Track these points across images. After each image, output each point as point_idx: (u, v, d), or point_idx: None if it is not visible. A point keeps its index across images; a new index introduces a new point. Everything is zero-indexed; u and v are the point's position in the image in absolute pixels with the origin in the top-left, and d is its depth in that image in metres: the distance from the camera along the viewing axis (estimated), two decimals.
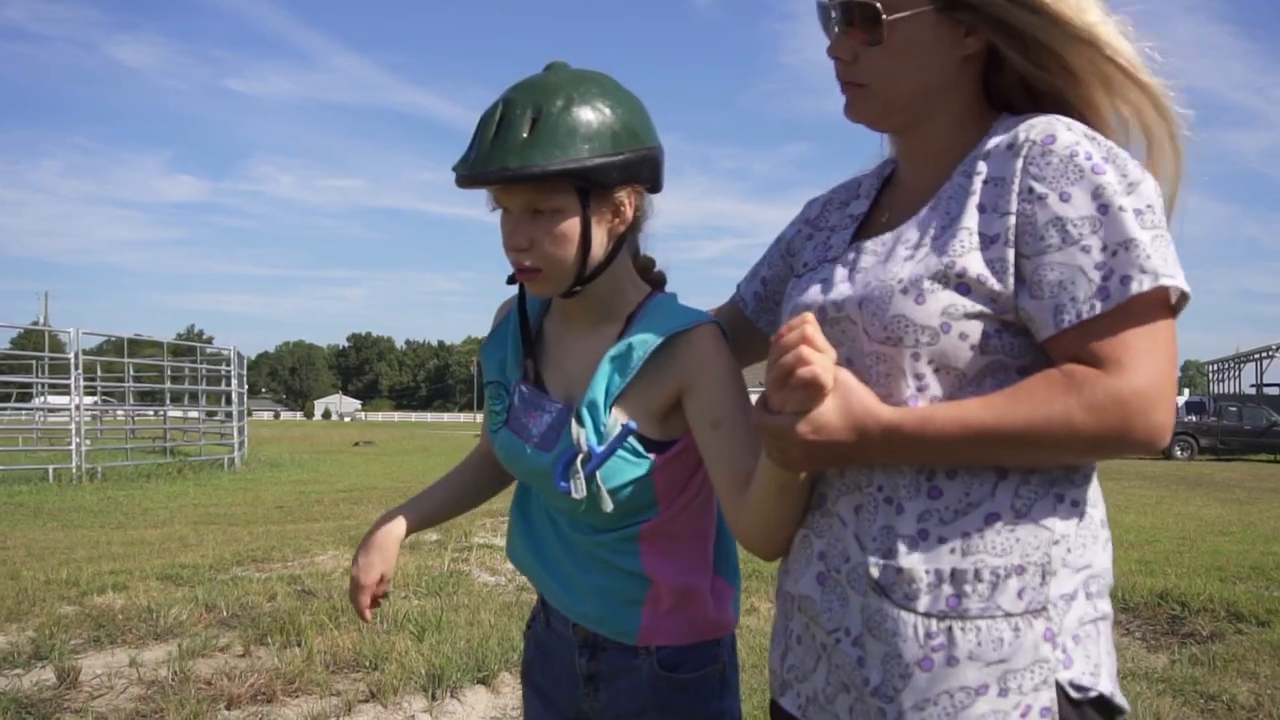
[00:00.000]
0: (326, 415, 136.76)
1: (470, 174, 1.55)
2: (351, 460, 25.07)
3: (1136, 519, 11.97)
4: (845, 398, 1.25)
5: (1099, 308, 1.22)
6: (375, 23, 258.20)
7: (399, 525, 1.86)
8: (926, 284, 1.30)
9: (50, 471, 16.30)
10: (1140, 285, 1.21)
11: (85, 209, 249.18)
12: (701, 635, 1.70)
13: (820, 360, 1.21)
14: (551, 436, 1.67)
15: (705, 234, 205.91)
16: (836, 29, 1.42)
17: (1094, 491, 1.36)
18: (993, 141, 1.35)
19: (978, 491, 1.29)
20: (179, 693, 4.69)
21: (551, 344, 1.75)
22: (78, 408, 17.21)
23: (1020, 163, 1.29)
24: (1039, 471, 1.30)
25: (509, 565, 8.29)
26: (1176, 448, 29.50)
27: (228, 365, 22.88)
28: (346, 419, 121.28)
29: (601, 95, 1.58)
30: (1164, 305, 1.24)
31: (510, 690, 4.89)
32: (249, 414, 22.78)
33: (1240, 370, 46.85)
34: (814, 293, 1.44)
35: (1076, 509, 1.32)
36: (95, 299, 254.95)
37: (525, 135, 1.52)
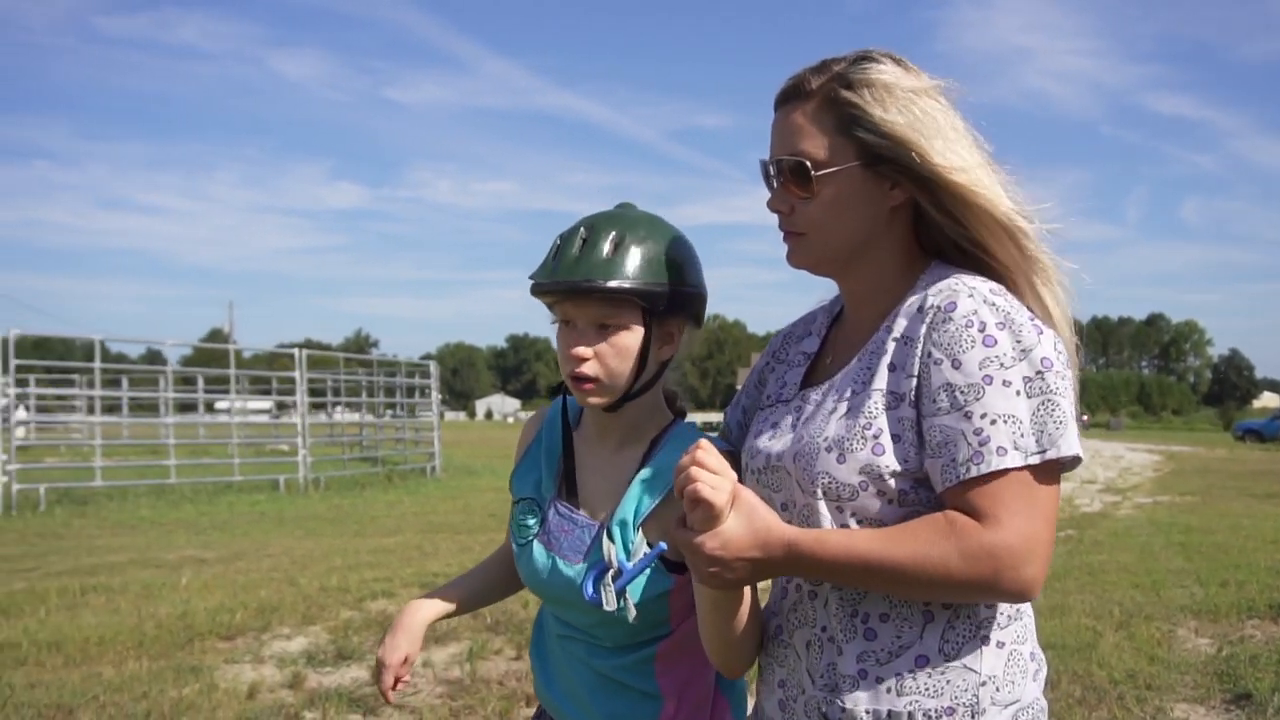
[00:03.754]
0: (488, 415, 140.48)
1: (553, 281, 1.69)
2: None
3: None
4: (749, 516, 1.36)
5: (974, 471, 1.31)
6: (524, 27, 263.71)
7: (427, 610, 1.93)
8: (847, 444, 1.41)
9: (281, 481, 17.79)
10: (1010, 460, 1.31)
11: (255, 218, 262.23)
12: None
13: (708, 479, 1.33)
14: (581, 549, 1.76)
15: None
16: (775, 184, 1.53)
17: (1022, 628, 1.46)
18: (913, 297, 1.46)
19: (908, 634, 1.40)
20: (479, 691, 5.41)
21: (580, 461, 1.85)
22: (293, 408, 18.53)
23: (925, 328, 1.40)
24: (965, 616, 1.40)
25: None
26: None
27: (423, 376, 24.44)
28: (509, 419, 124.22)
29: (670, 236, 1.75)
30: (1043, 470, 1.33)
31: None
32: (440, 416, 24.12)
33: None
34: (763, 438, 1.57)
35: (1002, 649, 1.42)
36: (265, 305, 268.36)
37: (607, 254, 1.68)
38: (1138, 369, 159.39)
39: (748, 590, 1.50)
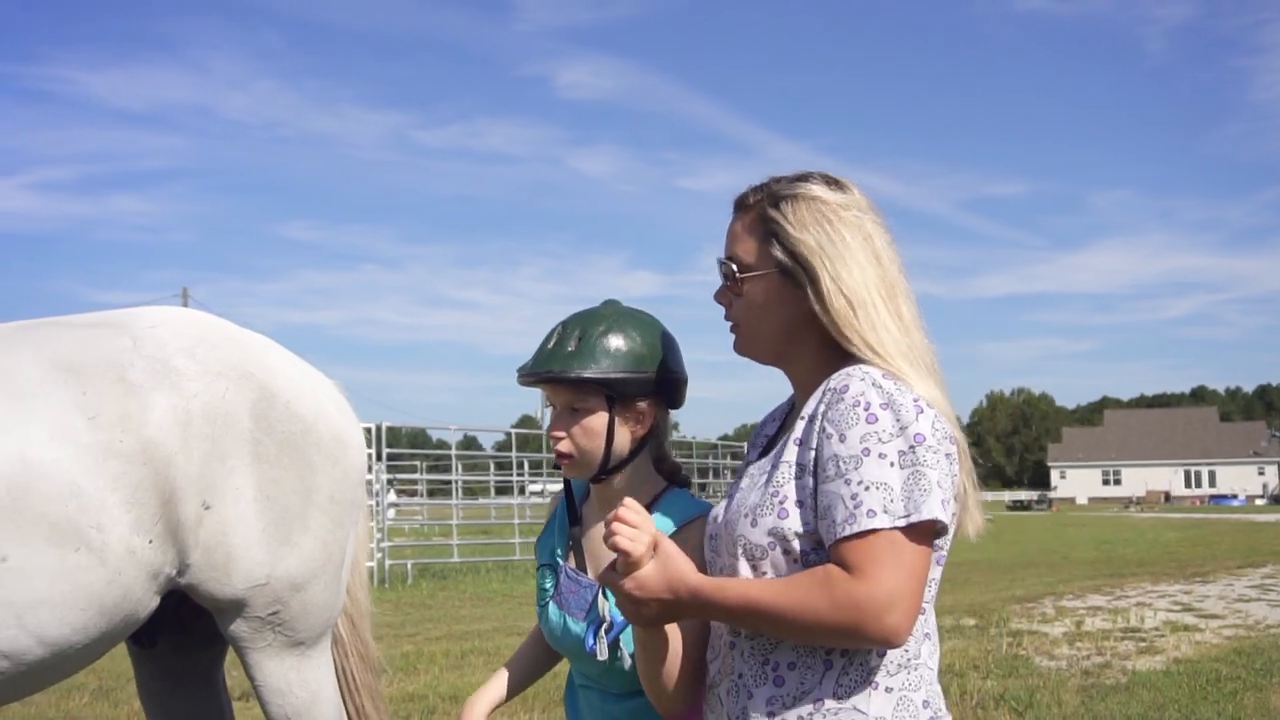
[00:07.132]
0: None
1: (525, 373, 2.03)
2: None
3: None
4: (664, 563, 1.59)
5: (848, 530, 1.50)
6: (809, 110, 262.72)
7: (482, 705, 2.17)
8: (759, 510, 1.63)
9: None
10: (879, 522, 1.49)
11: (558, 309, 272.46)
12: None
13: (626, 532, 1.58)
14: (585, 607, 2.00)
15: (1170, 292, 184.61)
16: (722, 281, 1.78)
17: (916, 678, 1.62)
18: (823, 384, 1.66)
19: (810, 680, 1.59)
20: None
21: (586, 529, 2.10)
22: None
23: (823, 406, 1.60)
24: (857, 663, 1.59)
25: (1062, 649, 8.87)
26: None
27: (734, 456, 25.35)
28: None
29: (634, 328, 2.01)
30: (911, 532, 1.51)
31: None
32: None
33: None
34: (717, 508, 1.80)
35: (891, 694, 1.59)
36: None
37: (570, 349, 1.97)
38: None
39: (675, 638, 1.73)
